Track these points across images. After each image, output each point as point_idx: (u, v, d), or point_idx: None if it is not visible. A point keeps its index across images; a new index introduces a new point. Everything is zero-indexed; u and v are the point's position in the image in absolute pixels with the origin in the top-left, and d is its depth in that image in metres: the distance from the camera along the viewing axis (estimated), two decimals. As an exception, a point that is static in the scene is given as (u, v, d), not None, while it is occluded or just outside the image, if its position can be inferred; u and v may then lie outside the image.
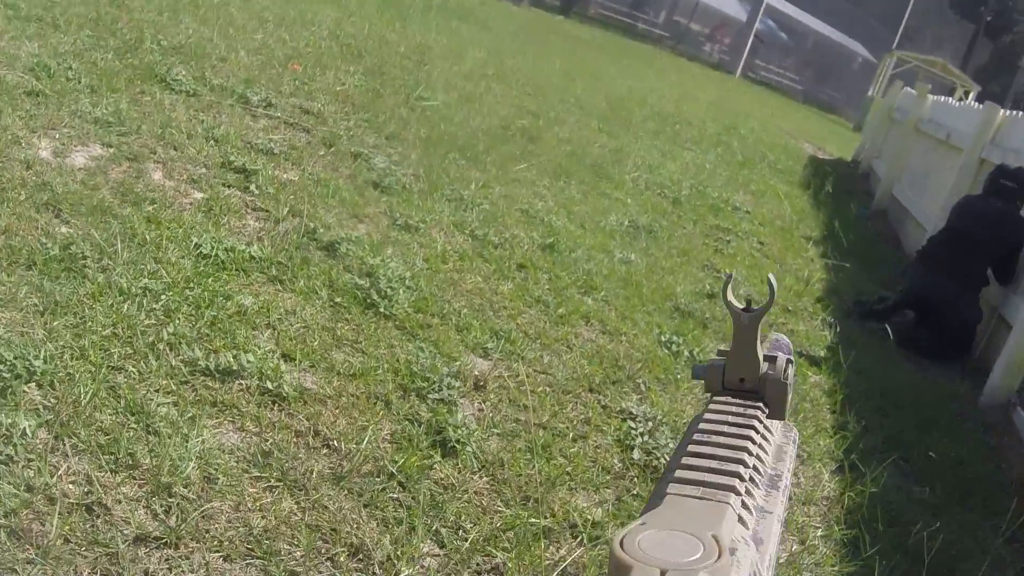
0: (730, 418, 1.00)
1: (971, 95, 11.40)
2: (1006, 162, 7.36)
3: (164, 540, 2.25)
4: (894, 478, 4.10)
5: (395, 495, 2.71)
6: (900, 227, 11.10)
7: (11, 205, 3.54)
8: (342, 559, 2.40)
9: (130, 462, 2.46)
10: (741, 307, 1.04)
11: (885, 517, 3.64)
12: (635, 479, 3.26)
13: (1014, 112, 8.45)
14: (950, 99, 11.80)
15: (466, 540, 2.62)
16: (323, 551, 2.41)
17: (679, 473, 0.84)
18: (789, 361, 1.07)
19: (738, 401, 1.06)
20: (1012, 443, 5.30)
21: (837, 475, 3.93)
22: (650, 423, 3.63)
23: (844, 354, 5.30)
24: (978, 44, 44.96)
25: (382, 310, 3.78)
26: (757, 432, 0.98)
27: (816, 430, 4.32)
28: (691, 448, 0.90)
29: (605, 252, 5.75)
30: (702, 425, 0.97)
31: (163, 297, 3.27)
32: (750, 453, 0.92)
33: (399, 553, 2.46)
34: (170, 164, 4.52)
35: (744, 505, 0.82)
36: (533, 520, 2.79)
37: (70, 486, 2.32)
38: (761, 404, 1.05)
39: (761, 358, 1.07)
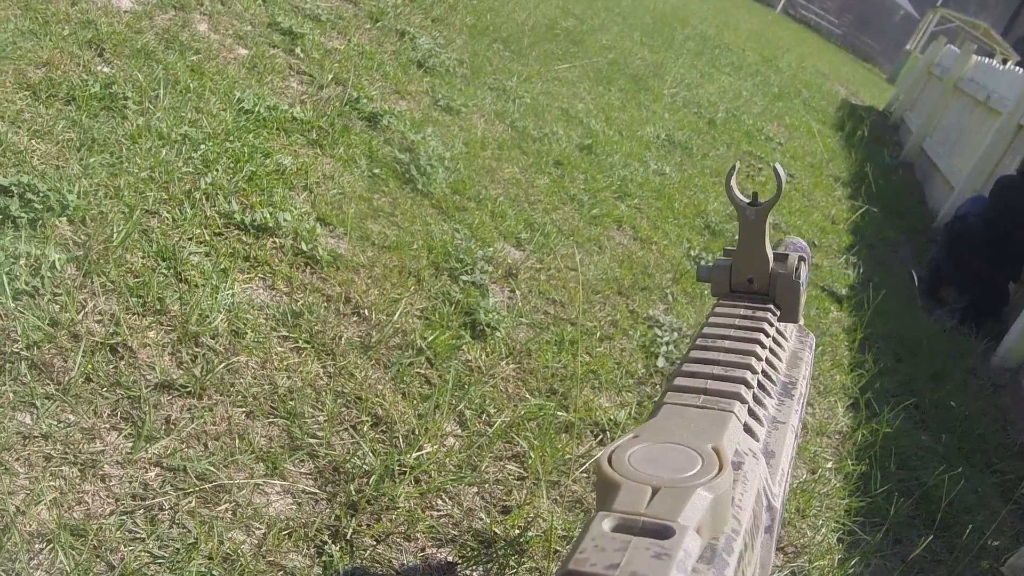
0: (737, 321, 0.95)
1: (1009, 63, 11.21)
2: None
3: (188, 389, 2.21)
4: (905, 423, 4.08)
5: (422, 371, 2.67)
6: (927, 181, 11.01)
7: (54, 39, 3.46)
8: (365, 429, 2.36)
9: (158, 307, 2.41)
10: (746, 200, 0.97)
11: (895, 460, 3.62)
12: (658, 386, 3.22)
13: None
14: (994, 61, 11.62)
15: (490, 425, 2.58)
16: (347, 418, 2.37)
17: (678, 381, 0.78)
18: (801, 259, 1.02)
19: (746, 303, 1.00)
20: (1018, 407, 5.29)
21: (850, 411, 3.90)
22: (675, 333, 3.59)
23: (866, 295, 5.25)
24: (1023, 14, 44.23)
25: (420, 187, 3.72)
26: (767, 335, 0.93)
27: (833, 365, 4.29)
28: (693, 354, 0.85)
29: (640, 161, 5.69)
30: (706, 329, 0.92)
31: (202, 147, 3.20)
32: (759, 358, 0.86)
33: (423, 429, 2.42)
34: (216, 17, 4.42)
35: (752, 414, 0.77)
36: (559, 413, 2.76)
37: (95, 325, 2.28)
38: (771, 306, 1.00)
39: (770, 256, 1.01)
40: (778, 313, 1.01)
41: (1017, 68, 9.86)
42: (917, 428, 4.20)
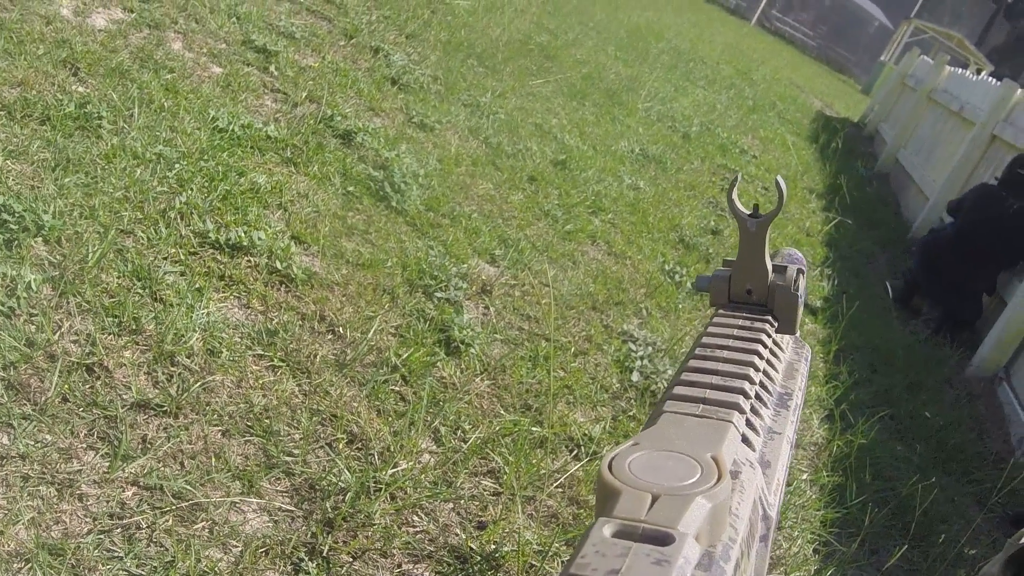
0: (735, 331, 0.95)
1: (983, 73, 11.24)
2: (1019, 141, 7.20)
3: (164, 408, 2.22)
4: (880, 434, 4.10)
5: (397, 388, 2.68)
6: (901, 192, 11.06)
7: (29, 59, 3.46)
8: (341, 446, 2.37)
9: (134, 327, 2.42)
10: (748, 212, 0.99)
11: (871, 470, 3.65)
12: (632, 400, 3.24)
13: (1031, 92, 8.34)
14: (968, 72, 11.68)
15: (465, 441, 2.60)
16: (322, 436, 2.39)
17: (677, 390, 0.79)
18: (800, 271, 1.03)
19: (745, 313, 1.01)
20: (994, 416, 5.32)
21: (826, 423, 3.93)
22: (650, 348, 3.61)
23: (841, 306, 5.28)
24: (996, 24, 44.47)
25: (394, 204, 3.74)
26: (765, 346, 0.93)
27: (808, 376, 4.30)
28: (692, 363, 0.85)
29: (614, 176, 5.71)
30: (705, 339, 0.92)
31: (177, 166, 3.21)
32: (757, 368, 0.87)
33: (398, 446, 2.43)
34: (191, 36, 4.43)
35: (750, 425, 0.78)
36: (533, 429, 2.77)
37: (72, 345, 2.28)
38: (770, 317, 1.01)
39: (770, 268, 1.02)
40: (776, 324, 1.02)
41: (990, 78, 9.92)
42: (892, 438, 4.23)
